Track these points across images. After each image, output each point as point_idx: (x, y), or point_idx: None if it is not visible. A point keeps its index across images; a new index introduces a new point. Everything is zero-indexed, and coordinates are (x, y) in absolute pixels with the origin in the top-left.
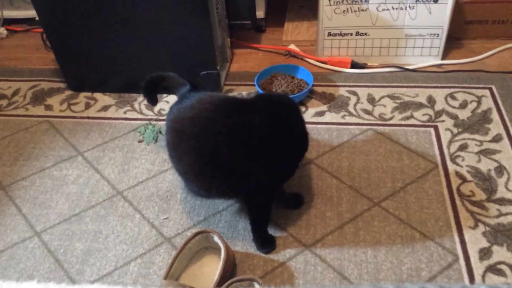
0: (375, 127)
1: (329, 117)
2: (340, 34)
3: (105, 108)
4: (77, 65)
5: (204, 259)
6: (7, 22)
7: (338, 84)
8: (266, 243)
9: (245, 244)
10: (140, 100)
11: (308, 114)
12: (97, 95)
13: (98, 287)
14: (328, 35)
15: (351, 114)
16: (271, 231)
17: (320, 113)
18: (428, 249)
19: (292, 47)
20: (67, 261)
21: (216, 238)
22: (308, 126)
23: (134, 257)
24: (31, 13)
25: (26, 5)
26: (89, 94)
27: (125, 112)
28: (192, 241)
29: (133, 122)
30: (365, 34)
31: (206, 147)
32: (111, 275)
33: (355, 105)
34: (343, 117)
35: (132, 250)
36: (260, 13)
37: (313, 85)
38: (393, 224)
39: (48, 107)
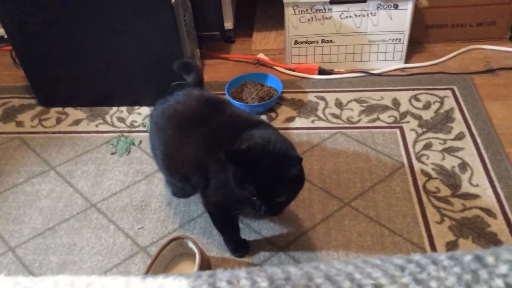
0: (344, 130)
1: (299, 122)
2: (307, 42)
3: (77, 122)
4: (47, 81)
5: (179, 266)
6: None
7: (306, 90)
8: (237, 248)
9: (220, 249)
10: (112, 113)
11: (279, 120)
12: (68, 109)
13: (62, 277)
14: (295, 43)
15: (320, 118)
16: (245, 235)
17: (290, 119)
18: (397, 244)
19: (261, 56)
20: (42, 275)
21: (190, 244)
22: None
23: (109, 267)
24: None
25: None
26: (60, 109)
27: (96, 125)
28: (167, 248)
29: (105, 134)
30: (330, 41)
31: (174, 139)
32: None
33: (323, 109)
34: (312, 121)
35: (107, 261)
36: (228, 24)
37: (282, 92)
38: (363, 222)
39: (19, 124)
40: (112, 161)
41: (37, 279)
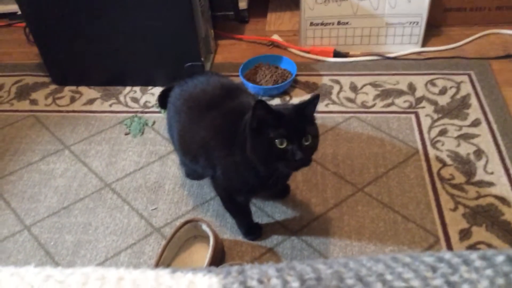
0: (358, 115)
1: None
2: (322, 24)
3: (91, 101)
4: (61, 59)
5: (193, 248)
6: None
7: (321, 73)
8: (249, 231)
9: (233, 232)
10: (126, 93)
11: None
12: (82, 88)
13: (91, 269)
14: (310, 25)
15: (334, 102)
16: (258, 218)
17: None
18: (410, 231)
19: (275, 37)
20: (58, 254)
21: (204, 227)
22: None
23: (124, 247)
24: (13, 7)
25: (7, 0)
26: (74, 88)
27: (110, 105)
28: (181, 230)
29: (118, 115)
30: (347, 23)
31: (187, 121)
32: (102, 265)
33: (338, 93)
34: (326, 105)
35: (122, 241)
36: (242, 4)
37: (296, 75)
38: (376, 208)
39: (33, 102)
40: (126, 142)
41: (67, 271)
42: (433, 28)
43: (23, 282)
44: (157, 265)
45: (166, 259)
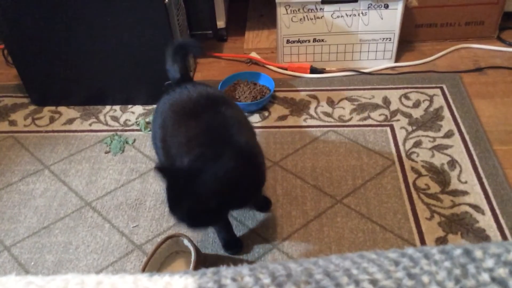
0: (335, 129)
1: (291, 120)
2: (299, 41)
3: (70, 121)
4: (40, 79)
5: (175, 263)
6: None
7: (298, 89)
8: (230, 245)
9: (215, 247)
10: (106, 112)
11: (271, 119)
12: (62, 108)
13: (71, 276)
14: (287, 42)
15: (312, 117)
16: (239, 232)
17: (283, 118)
18: (388, 240)
19: (254, 54)
20: (39, 273)
21: (186, 242)
22: (271, 130)
23: (105, 265)
24: None
25: None
26: (53, 108)
27: (90, 124)
28: (163, 246)
29: (99, 133)
30: (322, 40)
31: (169, 126)
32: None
33: (315, 108)
34: (304, 120)
35: (103, 259)
36: (220, 23)
37: (274, 91)
38: (355, 219)
39: (12, 123)
40: (106, 160)
41: (48, 278)
42: (406, 44)
43: None
44: None
45: None
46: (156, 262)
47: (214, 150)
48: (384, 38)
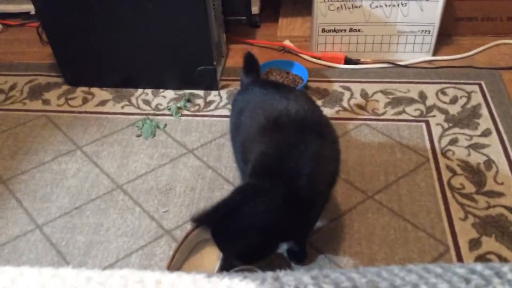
0: (369, 122)
1: (323, 112)
2: (334, 30)
3: (103, 102)
4: (74, 59)
5: (204, 251)
6: (2, 16)
7: (332, 79)
8: (294, 255)
9: None
10: (138, 95)
11: None
12: (94, 89)
13: (128, 272)
14: (322, 31)
15: (345, 109)
16: None
17: None
18: (420, 240)
19: (287, 42)
20: (70, 253)
21: None
22: None
23: (135, 249)
24: (26, 7)
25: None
26: (86, 89)
27: (122, 107)
28: (193, 233)
29: (130, 116)
30: (359, 30)
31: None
32: (113, 266)
33: (349, 100)
34: (337, 112)
35: (133, 242)
36: (255, 9)
37: (307, 81)
38: (386, 216)
39: (46, 102)
40: (137, 144)
41: (105, 273)
42: (444, 37)
43: (66, 285)
44: (169, 267)
45: (177, 261)
46: (186, 249)
47: (268, 182)
48: (423, 31)
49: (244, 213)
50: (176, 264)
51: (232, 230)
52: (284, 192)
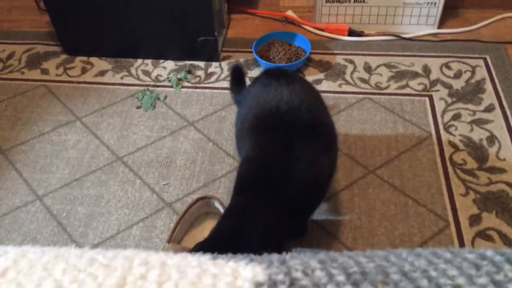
0: (371, 96)
1: (326, 85)
2: (338, 1)
3: (102, 73)
4: (72, 28)
5: (204, 224)
6: None
7: (335, 52)
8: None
9: None
10: (137, 65)
11: None
12: (93, 59)
13: (132, 252)
14: (326, 2)
15: (348, 82)
16: None
17: (317, 82)
18: (420, 215)
19: (290, 13)
20: (70, 225)
21: (216, 204)
22: None
23: (136, 221)
24: None
25: None
26: (85, 58)
27: (122, 78)
28: (194, 206)
29: (130, 87)
30: (363, 1)
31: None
32: (114, 238)
33: (352, 73)
34: (340, 85)
35: (134, 215)
36: None
37: (310, 53)
38: (387, 191)
39: (44, 71)
40: (137, 115)
41: (109, 254)
42: (450, 9)
43: (69, 266)
44: (170, 239)
45: (178, 234)
46: (187, 222)
47: (256, 198)
48: (428, 3)
49: (243, 238)
50: (177, 236)
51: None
52: (275, 205)
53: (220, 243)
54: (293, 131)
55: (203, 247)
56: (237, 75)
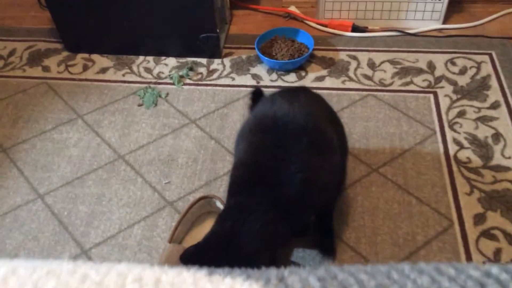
0: (375, 93)
1: (329, 82)
2: None
3: (103, 70)
4: (73, 25)
5: (206, 223)
6: None
7: (338, 48)
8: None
9: None
10: (139, 62)
11: (308, 79)
12: (95, 56)
13: (126, 268)
14: None
15: (351, 79)
16: None
17: (320, 78)
18: (424, 214)
19: (292, 8)
20: (72, 224)
21: (218, 203)
22: None
23: (137, 220)
24: None
25: None
26: (86, 55)
27: (123, 75)
28: (196, 205)
29: (132, 85)
30: None
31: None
32: (115, 237)
33: (355, 70)
34: (343, 82)
35: (135, 213)
36: None
37: (313, 49)
38: (390, 189)
39: (46, 69)
40: (139, 113)
41: (102, 270)
42: (455, 4)
43: (61, 283)
44: (171, 239)
45: (180, 233)
46: (188, 221)
47: (250, 199)
48: None
49: (237, 241)
50: (178, 236)
51: (230, 260)
52: (268, 206)
53: (213, 247)
54: (285, 133)
55: (197, 251)
56: (257, 96)
